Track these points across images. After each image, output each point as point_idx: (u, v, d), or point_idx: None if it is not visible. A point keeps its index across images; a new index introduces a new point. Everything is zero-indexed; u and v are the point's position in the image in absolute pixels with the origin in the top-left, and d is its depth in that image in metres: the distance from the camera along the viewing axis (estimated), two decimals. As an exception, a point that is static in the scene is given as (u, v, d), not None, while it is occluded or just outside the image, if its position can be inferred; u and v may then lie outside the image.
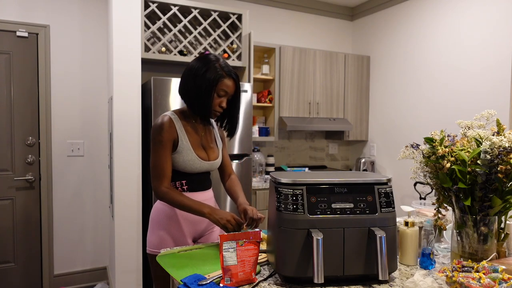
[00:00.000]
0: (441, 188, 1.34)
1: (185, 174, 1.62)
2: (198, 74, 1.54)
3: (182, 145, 1.58)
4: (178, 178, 1.62)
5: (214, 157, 1.69)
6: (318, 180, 1.18)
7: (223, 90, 1.56)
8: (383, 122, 4.06)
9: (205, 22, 3.14)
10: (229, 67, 1.58)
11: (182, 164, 1.59)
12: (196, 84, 1.55)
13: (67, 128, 3.24)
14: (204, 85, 1.53)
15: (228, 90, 1.57)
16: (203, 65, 1.55)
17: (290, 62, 3.75)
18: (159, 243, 1.62)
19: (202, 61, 1.56)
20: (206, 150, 1.68)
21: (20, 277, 3.14)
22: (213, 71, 1.53)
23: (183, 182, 1.63)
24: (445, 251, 1.44)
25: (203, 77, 1.53)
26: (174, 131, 1.57)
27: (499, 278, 1.04)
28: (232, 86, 1.58)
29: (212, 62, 1.55)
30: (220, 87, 1.55)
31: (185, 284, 1.11)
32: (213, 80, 1.53)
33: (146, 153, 2.86)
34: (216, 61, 1.56)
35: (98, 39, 3.31)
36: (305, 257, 1.11)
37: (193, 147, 1.61)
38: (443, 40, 3.38)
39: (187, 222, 1.65)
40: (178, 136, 1.58)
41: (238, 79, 1.61)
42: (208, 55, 1.59)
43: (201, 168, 1.63)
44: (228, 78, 1.56)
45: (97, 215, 3.38)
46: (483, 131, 1.27)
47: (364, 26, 4.34)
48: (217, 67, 1.54)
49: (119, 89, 2.64)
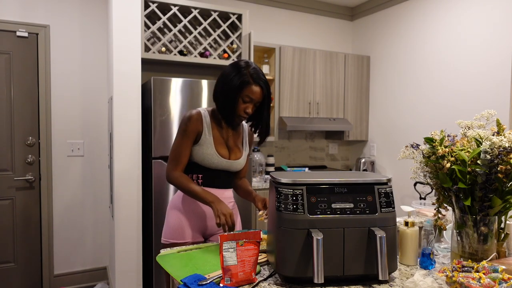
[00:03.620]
0: (441, 188, 1.34)
1: (203, 168, 1.66)
2: (227, 78, 1.59)
3: (205, 139, 1.64)
4: (195, 171, 1.67)
5: (236, 158, 1.72)
6: (318, 180, 1.18)
7: (248, 96, 1.58)
8: (383, 122, 4.06)
9: (205, 22, 3.14)
10: (259, 74, 1.59)
11: (201, 156, 1.63)
12: (224, 88, 1.60)
13: (67, 128, 3.24)
14: (230, 89, 1.57)
15: (254, 96, 1.59)
16: (233, 70, 1.60)
17: (290, 62, 3.75)
18: (169, 233, 1.68)
19: (234, 67, 1.61)
20: (230, 149, 1.71)
21: (20, 277, 3.14)
22: (240, 77, 1.57)
23: (199, 176, 1.67)
24: (445, 251, 1.44)
25: (231, 82, 1.58)
26: (200, 124, 1.63)
27: (499, 278, 1.04)
28: (258, 93, 1.59)
29: (241, 68, 1.59)
30: (246, 93, 1.57)
31: (185, 284, 1.11)
32: (239, 86, 1.56)
33: (146, 153, 2.86)
34: (247, 67, 1.59)
35: (98, 39, 3.31)
36: (305, 257, 1.11)
37: (216, 143, 1.66)
38: (443, 40, 3.38)
39: (199, 216, 1.68)
40: (203, 130, 1.64)
41: (267, 87, 1.62)
42: (239, 61, 1.63)
43: (219, 165, 1.66)
44: (255, 84, 1.58)
45: (97, 215, 3.38)
46: (483, 131, 1.27)
47: (364, 26, 4.34)
48: (246, 73, 1.57)
49: (119, 89, 2.63)
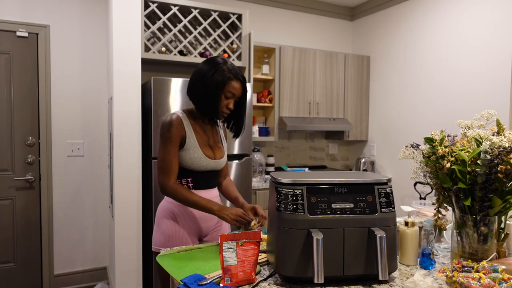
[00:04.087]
0: (441, 188, 1.34)
1: (191, 172, 1.65)
2: (206, 76, 1.59)
3: (190, 143, 1.62)
4: (184, 175, 1.65)
5: (220, 156, 1.73)
6: (318, 180, 1.18)
7: (230, 92, 1.59)
8: (383, 122, 4.06)
9: (205, 22, 3.14)
10: (236, 69, 1.62)
11: (189, 161, 1.62)
12: (204, 86, 1.59)
13: (67, 128, 3.24)
14: (212, 87, 1.57)
15: (235, 92, 1.61)
16: (211, 67, 1.59)
17: (290, 62, 3.75)
18: (165, 241, 1.64)
19: (211, 64, 1.61)
20: (213, 149, 1.72)
21: (20, 277, 3.14)
22: (221, 73, 1.57)
23: (189, 180, 1.66)
24: (445, 251, 1.44)
25: (211, 79, 1.57)
26: (182, 129, 1.62)
27: (499, 278, 1.04)
28: (239, 88, 1.62)
29: (220, 65, 1.59)
30: (228, 89, 1.59)
31: (185, 284, 1.11)
32: (221, 82, 1.57)
33: (146, 153, 2.86)
34: (224, 63, 1.60)
35: (98, 39, 3.31)
36: (305, 257, 1.11)
37: (200, 145, 1.65)
38: (443, 40, 3.38)
39: (193, 220, 1.66)
40: (186, 134, 1.62)
41: (245, 82, 1.65)
42: (215, 58, 1.63)
43: (207, 166, 1.67)
44: (235, 80, 1.60)
45: (97, 215, 3.38)
46: (483, 131, 1.27)
47: (364, 26, 4.34)
48: (225, 69, 1.58)
49: (119, 89, 2.63)
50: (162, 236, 1.65)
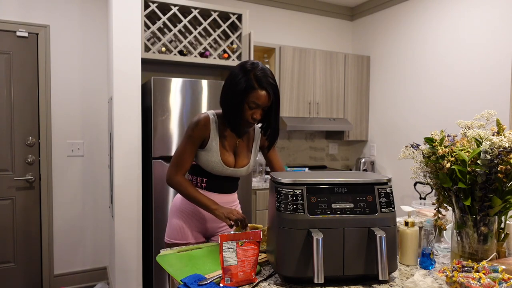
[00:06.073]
0: (441, 188, 1.33)
1: (207, 173, 1.63)
2: (233, 82, 1.49)
3: (211, 146, 1.58)
4: (200, 174, 1.64)
5: (242, 165, 1.66)
6: (318, 180, 1.18)
7: (254, 102, 1.47)
8: (383, 122, 4.06)
9: (205, 22, 3.14)
10: (263, 78, 1.46)
11: (205, 163, 1.60)
12: (228, 94, 1.50)
13: (67, 128, 3.24)
14: (234, 95, 1.47)
15: (260, 102, 1.47)
16: (237, 73, 1.49)
17: (290, 62, 3.75)
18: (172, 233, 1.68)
19: (239, 69, 1.50)
20: (238, 156, 1.66)
21: (20, 277, 3.14)
22: (245, 82, 1.45)
23: (203, 180, 1.64)
24: (445, 251, 1.44)
25: (236, 86, 1.47)
26: (207, 130, 1.57)
27: (499, 278, 1.04)
28: (264, 97, 1.47)
29: (246, 71, 1.47)
30: (251, 99, 1.47)
31: (185, 284, 1.11)
32: (243, 92, 1.45)
33: (146, 153, 2.86)
34: (252, 70, 1.47)
35: (98, 39, 3.31)
36: (305, 257, 1.11)
37: (222, 150, 1.60)
38: (443, 40, 3.38)
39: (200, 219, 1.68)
40: (210, 136, 1.58)
41: (275, 90, 1.50)
42: (246, 63, 1.51)
43: (223, 173, 1.62)
44: (260, 89, 1.46)
45: (97, 215, 3.38)
46: (483, 131, 1.27)
47: (364, 26, 4.34)
48: (251, 77, 1.45)
49: (119, 89, 2.63)
50: (170, 229, 1.70)
